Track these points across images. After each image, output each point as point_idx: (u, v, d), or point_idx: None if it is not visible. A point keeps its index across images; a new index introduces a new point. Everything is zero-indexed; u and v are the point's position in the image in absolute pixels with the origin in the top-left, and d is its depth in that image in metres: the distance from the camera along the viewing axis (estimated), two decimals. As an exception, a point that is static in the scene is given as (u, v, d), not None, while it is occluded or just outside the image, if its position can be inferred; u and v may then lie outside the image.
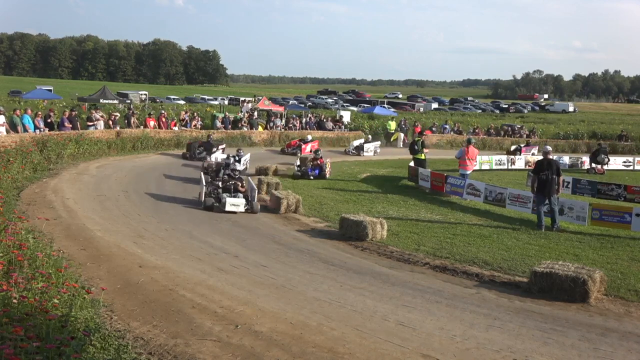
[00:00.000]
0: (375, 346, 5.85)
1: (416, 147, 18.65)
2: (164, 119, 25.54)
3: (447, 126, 36.25)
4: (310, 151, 23.25)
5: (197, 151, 21.52)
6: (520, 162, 25.63)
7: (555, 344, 6.24)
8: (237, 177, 14.05)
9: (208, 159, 19.81)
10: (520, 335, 6.45)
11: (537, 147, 28.93)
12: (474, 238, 11.10)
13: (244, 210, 12.75)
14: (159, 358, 5.32)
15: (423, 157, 18.57)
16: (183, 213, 12.54)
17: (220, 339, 5.78)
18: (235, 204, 12.80)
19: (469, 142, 17.78)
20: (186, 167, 19.94)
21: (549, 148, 13.11)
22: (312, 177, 18.24)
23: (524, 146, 29.18)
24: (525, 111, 72.59)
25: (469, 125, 39.68)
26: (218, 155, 20.07)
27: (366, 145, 27.55)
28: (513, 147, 28.88)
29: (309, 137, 26.54)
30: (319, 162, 18.92)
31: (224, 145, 22.52)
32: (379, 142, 29.06)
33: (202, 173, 15.79)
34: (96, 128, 22.09)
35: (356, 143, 27.94)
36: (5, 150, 14.98)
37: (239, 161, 18.01)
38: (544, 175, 12.16)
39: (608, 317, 7.18)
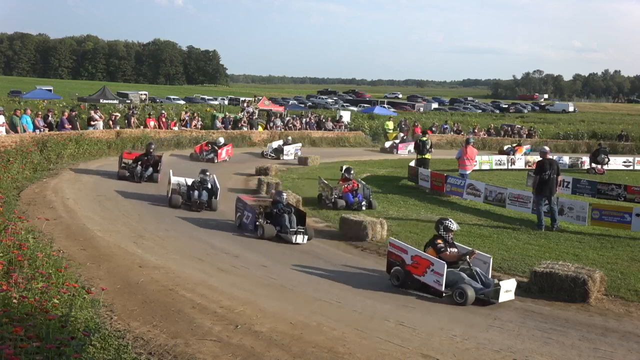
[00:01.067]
0: (375, 346, 5.85)
1: (427, 147, 18.80)
2: (164, 119, 25.59)
3: (447, 126, 36.28)
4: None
5: (137, 168, 15.73)
6: (520, 162, 25.64)
7: (555, 344, 6.24)
8: None
9: (160, 179, 15.39)
10: (520, 335, 6.45)
11: (409, 144, 28.38)
12: (474, 238, 11.09)
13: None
14: (159, 358, 5.31)
15: (429, 156, 18.77)
16: (183, 213, 12.53)
17: (220, 339, 5.78)
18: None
19: (467, 142, 17.82)
20: (186, 165, 18.31)
21: (547, 148, 13.20)
22: (364, 207, 13.43)
23: (399, 142, 29.16)
24: (525, 111, 72.53)
25: (469, 125, 39.70)
26: (176, 179, 13.74)
27: (286, 148, 23.65)
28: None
29: (221, 140, 21.76)
30: (353, 184, 14.22)
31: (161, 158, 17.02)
32: (299, 144, 25.17)
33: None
34: (96, 128, 22.11)
35: (275, 145, 24.14)
36: (5, 150, 14.98)
37: (210, 189, 13.21)
38: (546, 175, 12.17)
39: (608, 317, 7.19)
